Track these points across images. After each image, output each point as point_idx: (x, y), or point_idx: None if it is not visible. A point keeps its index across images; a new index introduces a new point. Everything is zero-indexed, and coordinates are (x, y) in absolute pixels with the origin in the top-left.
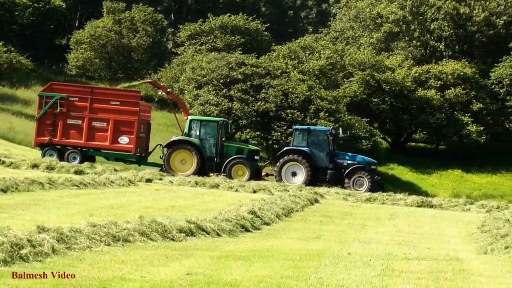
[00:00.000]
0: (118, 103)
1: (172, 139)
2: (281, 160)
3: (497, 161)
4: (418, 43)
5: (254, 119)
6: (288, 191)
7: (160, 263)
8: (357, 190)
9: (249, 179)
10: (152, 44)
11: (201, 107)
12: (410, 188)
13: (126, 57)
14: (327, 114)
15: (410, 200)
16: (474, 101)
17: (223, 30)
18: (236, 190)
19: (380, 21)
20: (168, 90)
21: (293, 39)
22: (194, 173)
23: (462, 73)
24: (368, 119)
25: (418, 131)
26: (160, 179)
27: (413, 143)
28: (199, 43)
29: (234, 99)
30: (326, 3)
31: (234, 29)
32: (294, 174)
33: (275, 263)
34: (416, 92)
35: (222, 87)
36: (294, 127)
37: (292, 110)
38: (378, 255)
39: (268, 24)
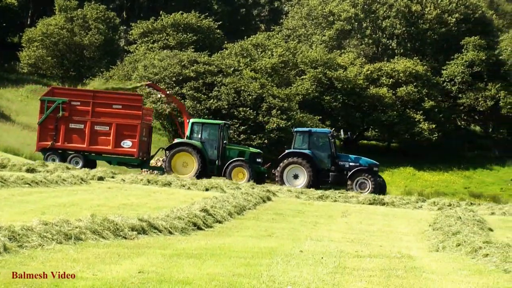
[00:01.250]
0: (120, 107)
1: (173, 142)
2: (282, 163)
3: (449, 159)
4: (370, 41)
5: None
6: (240, 189)
7: (112, 261)
8: (361, 192)
9: (249, 182)
10: (104, 42)
11: (153, 105)
12: None
13: (78, 55)
14: (279, 112)
15: (362, 197)
16: (426, 98)
17: (175, 28)
18: (189, 188)
19: (332, 19)
20: (168, 92)
21: (245, 37)
22: (196, 176)
23: (414, 71)
24: (320, 117)
25: (370, 129)
26: (112, 177)
27: (365, 141)
28: (151, 41)
29: (186, 97)
30: (278, 1)
31: (186, 27)
32: (296, 176)
33: (227, 261)
34: (368, 89)
35: (174, 85)
36: (295, 129)
37: (244, 108)
38: (330, 252)
39: (221, 22)
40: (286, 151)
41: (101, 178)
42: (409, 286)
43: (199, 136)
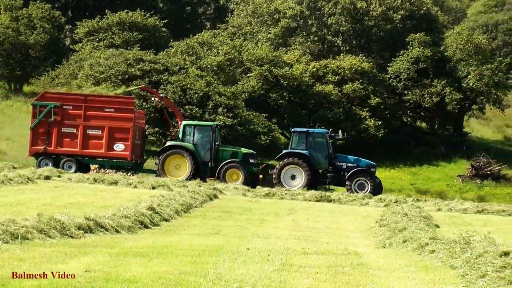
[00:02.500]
0: (113, 110)
1: (166, 144)
2: (280, 163)
3: (395, 156)
4: (316, 38)
5: (152, 116)
6: (187, 187)
7: (58, 260)
8: (359, 193)
9: (244, 183)
10: (50, 41)
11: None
12: None
13: (24, 54)
14: (225, 110)
15: (309, 194)
16: (372, 95)
17: (121, 27)
18: (135, 187)
19: (277, 17)
20: (162, 95)
21: (191, 35)
22: (189, 178)
23: (359, 68)
24: (267, 115)
25: (316, 126)
26: (59, 176)
27: None
28: (97, 39)
29: (132, 95)
30: None
31: (132, 25)
32: (293, 177)
33: (174, 259)
34: (314, 87)
35: (120, 83)
36: (292, 130)
37: (190, 106)
38: (277, 250)
39: (166, 20)
40: (284, 151)
41: (47, 177)
42: (356, 283)
43: (192, 138)
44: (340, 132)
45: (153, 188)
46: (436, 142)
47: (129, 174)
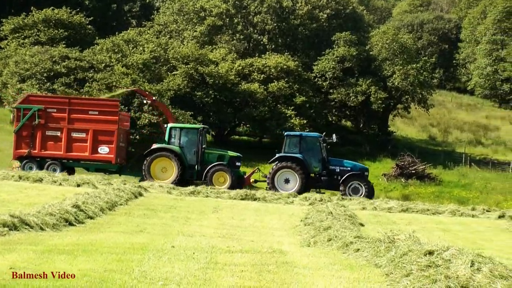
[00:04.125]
0: (97, 112)
1: (152, 147)
2: (273, 167)
3: None
4: (242, 37)
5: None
6: (112, 184)
7: None
8: (353, 196)
9: (231, 187)
10: None
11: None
12: None
13: None
14: (151, 107)
15: (234, 193)
16: (297, 94)
17: (46, 24)
18: (60, 184)
19: (203, 15)
20: (154, 98)
21: (116, 33)
22: (175, 181)
23: (285, 67)
24: (192, 113)
25: (242, 124)
26: None
27: (237, 136)
28: (23, 36)
29: (57, 92)
30: None
31: (57, 22)
32: (287, 181)
33: (98, 256)
34: (240, 85)
35: (45, 80)
36: (285, 133)
37: None
38: (201, 248)
39: (92, 18)
40: (277, 155)
41: None
42: (281, 281)
43: (178, 140)
44: (334, 136)
45: (78, 185)
46: (361, 141)
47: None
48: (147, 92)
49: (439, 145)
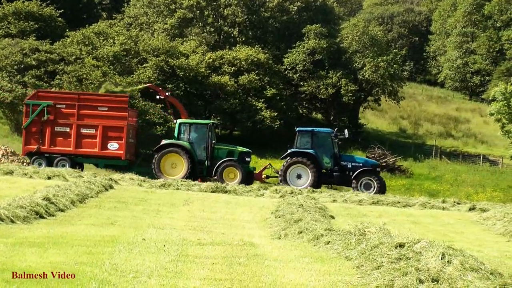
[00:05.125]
0: (106, 108)
1: (161, 143)
2: (285, 162)
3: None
4: (212, 29)
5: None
6: (83, 177)
7: None
8: (365, 192)
9: (241, 182)
10: None
11: None
12: None
13: None
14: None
15: (205, 185)
16: (268, 87)
17: (16, 16)
18: (31, 177)
19: (174, 7)
20: (167, 94)
21: (87, 25)
22: (185, 177)
23: (255, 59)
24: (163, 105)
25: (212, 117)
26: None
27: None
28: None
29: (28, 85)
30: None
31: (28, 15)
32: (299, 176)
33: (69, 249)
34: (210, 78)
35: (16, 73)
36: (297, 129)
37: None
38: (172, 240)
39: (62, 10)
40: (289, 150)
41: None
42: (251, 274)
43: (187, 136)
44: (346, 131)
45: (49, 178)
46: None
47: (24, 164)
48: (160, 88)
49: (410, 137)
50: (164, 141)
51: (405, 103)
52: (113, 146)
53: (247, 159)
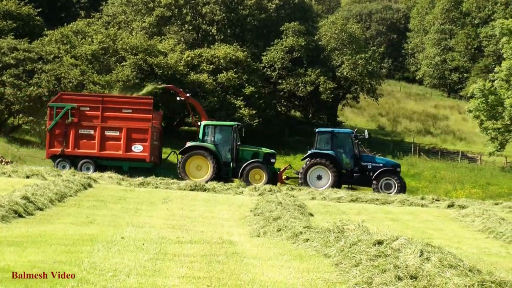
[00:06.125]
0: (130, 110)
1: (186, 145)
2: (306, 164)
3: (270, 144)
4: (191, 27)
5: (27, 104)
6: (62, 176)
7: None
8: (386, 193)
9: (267, 183)
10: None
11: None
12: None
13: None
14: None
15: (183, 184)
16: (247, 84)
17: None
18: (9, 176)
19: (152, 5)
20: (188, 95)
21: (65, 24)
22: (211, 179)
23: (234, 57)
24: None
25: (191, 115)
26: None
27: (186, 127)
28: None
29: (6, 84)
30: None
31: (6, 14)
32: (319, 177)
33: (48, 248)
34: (189, 76)
35: None
36: (317, 130)
37: None
38: (151, 239)
39: (40, 9)
40: (309, 151)
41: None
42: (230, 271)
43: (212, 138)
44: (366, 132)
45: (28, 177)
46: (311, 131)
47: (2, 163)
48: (181, 90)
49: (388, 134)
50: (188, 143)
51: (383, 100)
52: (137, 148)
53: (272, 160)
